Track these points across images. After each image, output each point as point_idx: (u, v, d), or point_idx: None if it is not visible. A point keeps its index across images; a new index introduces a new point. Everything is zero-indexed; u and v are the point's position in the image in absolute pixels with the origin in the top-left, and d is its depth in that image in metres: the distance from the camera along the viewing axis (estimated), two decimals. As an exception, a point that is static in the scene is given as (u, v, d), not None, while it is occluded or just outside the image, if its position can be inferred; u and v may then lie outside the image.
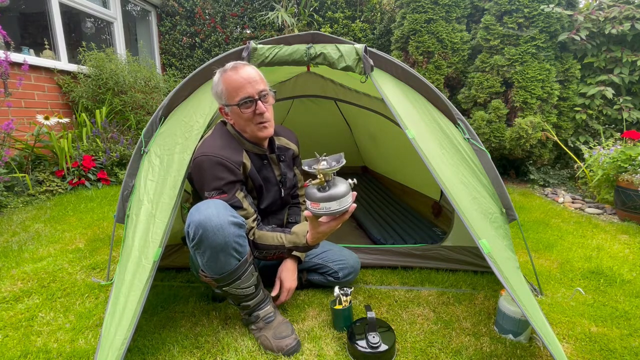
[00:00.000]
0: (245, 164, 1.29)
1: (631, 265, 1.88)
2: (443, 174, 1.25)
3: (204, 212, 1.09)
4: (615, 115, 3.61)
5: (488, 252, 1.12)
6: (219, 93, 1.26)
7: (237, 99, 1.23)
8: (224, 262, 1.13)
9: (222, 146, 1.27)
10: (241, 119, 1.27)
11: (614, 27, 3.41)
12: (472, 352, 1.21)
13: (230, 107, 1.26)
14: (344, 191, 1.06)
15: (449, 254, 1.75)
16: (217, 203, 1.14)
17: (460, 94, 3.86)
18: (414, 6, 3.77)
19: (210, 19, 5.37)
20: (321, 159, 1.08)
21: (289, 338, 1.21)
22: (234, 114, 1.28)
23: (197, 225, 1.08)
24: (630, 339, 1.29)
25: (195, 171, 1.25)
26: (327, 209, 1.06)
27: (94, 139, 3.48)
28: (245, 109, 1.24)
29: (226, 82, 1.23)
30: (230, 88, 1.23)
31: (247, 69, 1.24)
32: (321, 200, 1.05)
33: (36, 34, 4.05)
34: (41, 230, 2.25)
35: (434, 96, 1.47)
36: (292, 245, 1.25)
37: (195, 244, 1.11)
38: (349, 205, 1.09)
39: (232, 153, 1.26)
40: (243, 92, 1.22)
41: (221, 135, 1.32)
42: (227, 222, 1.10)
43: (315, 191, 1.07)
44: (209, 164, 1.21)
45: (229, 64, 1.26)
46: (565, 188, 3.56)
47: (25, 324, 1.34)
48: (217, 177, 1.22)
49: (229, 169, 1.23)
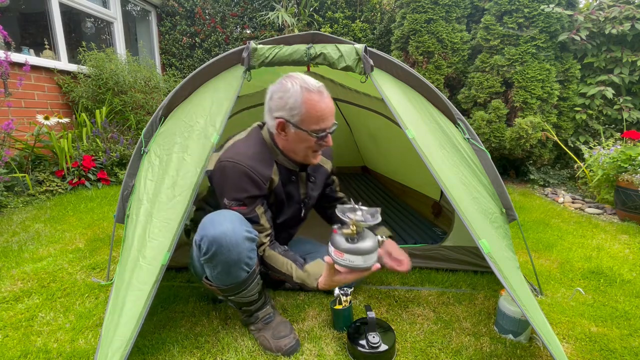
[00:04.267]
0: (273, 179, 1.23)
1: (631, 265, 1.87)
2: (443, 174, 1.25)
3: (219, 227, 1.05)
4: (615, 115, 3.61)
5: (488, 252, 1.12)
6: (293, 110, 1.14)
7: (314, 128, 1.16)
8: (234, 275, 1.11)
9: (254, 155, 1.20)
10: (303, 144, 1.19)
11: (614, 27, 3.41)
12: (472, 352, 1.21)
13: (299, 129, 1.16)
14: (372, 247, 1.02)
15: (449, 254, 1.75)
16: (232, 217, 1.10)
17: (460, 94, 3.86)
18: (414, 6, 3.77)
19: (210, 19, 5.37)
20: (357, 208, 1.04)
21: (288, 337, 1.20)
22: (298, 136, 1.18)
23: (211, 241, 1.04)
24: (630, 339, 1.29)
25: (218, 175, 1.19)
26: (351, 263, 1.01)
27: (94, 139, 3.48)
28: (319, 140, 1.18)
29: (309, 105, 1.14)
30: (312, 114, 1.14)
31: (328, 97, 1.18)
32: (347, 251, 1.01)
33: (36, 34, 4.05)
34: (41, 230, 2.24)
35: (434, 96, 1.47)
36: (299, 282, 1.18)
37: (208, 259, 1.07)
38: (373, 263, 1.03)
39: (263, 166, 1.20)
40: (323, 124, 1.16)
41: (255, 143, 1.24)
42: (242, 238, 1.07)
43: (343, 240, 1.02)
44: (235, 172, 1.16)
45: (312, 83, 1.15)
46: (565, 188, 3.56)
47: (25, 324, 1.34)
48: (240, 189, 1.16)
49: (255, 182, 1.17)
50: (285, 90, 1.15)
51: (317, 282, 1.14)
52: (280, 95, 1.17)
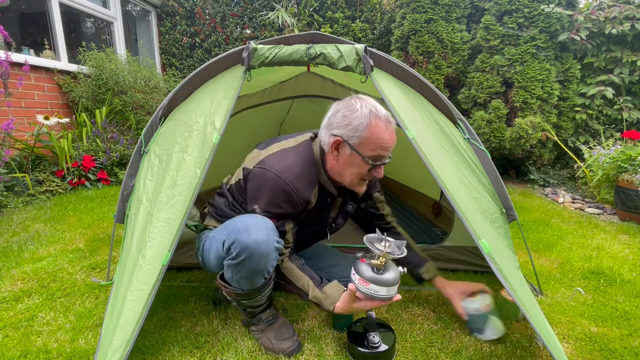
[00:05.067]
0: (311, 202, 1.18)
1: (631, 265, 1.87)
2: (443, 174, 1.24)
3: (254, 236, 1.03)
4: (615, 115, 3.61)
5: (488, 252, 1.12)
6: (355, 130, 1.09)
7: (372, 154, 1.11)
8: (254, 281, 1.11)
9: (301, 174, 1.14)
10: (354, 169, 1.14)
11: (614, 27, 3.41)
12: (472, 352, 1.21)
13: (356, 152, 1.11)
14: (395, 278, 1.03)
15: (449, 254, 1.75)
16: (267, 225, 1.07)
17: (460, 94, 3.86)
18: (414, 6, 3.77)
19: (210, 19, 5.37)
20: (384, 239, 1.05)
21: (291, 340, 1.21)
22: (352, 159, 1.13)
23: (243, 248, 1.03)
24: (630, 339, 1.29)
25: (257, 180, 1.15)
26: (375, 293, 1.03)
27: (94, 139, 3.48)
28: (372, 168, 1.13)
29: (374, 130, 1.09)
30: (374, 139, 1.09)
31: (393, 129, 1.14)
32: (372, 281, 1.02)
33: (36, 34, 4.05)
34: (41, 230, 2.24)
35: (434, 96, 1.47)
36: (315, 301, 1.16)
37: (235, 264, 1.06)
38: (394, 294, 1.05)
39: (306, 186, 1.15)
40: (382, 153, 1.12)
41: (304, 157, 1.18)
42: (272, 249, 1.06)
43: (369, 269, 1.03)
44: (276, 187, 1.11)
45: (381, 110, 1.12)
46: (565, 188, 3.56)
47: (25, 324, 1.33)
48: (277, 205, 1.13)
49: (294, 203, 1.13)
50: (352, 110, 1.11)
51: (333, 305, 1.12)
52: (345, 113, 1.12)
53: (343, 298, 1.11)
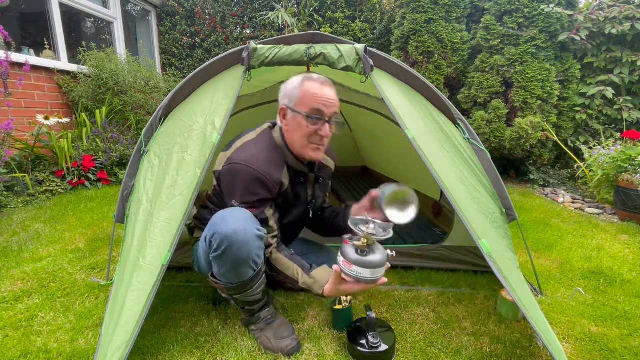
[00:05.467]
0: (283, 182, 1.23)
1: (631, 265, 1.87)
2: (443, 174, 1.24)
3: (232, 225, 1.05)
4: (615, 115, 3.61)
5: (488, 252, 1.12)
6: (292, 95, 1.20)
7: (308, 110, 1.17)
8: (241, 273, 1.12)
9: (266, 159, 1.19)
10: (299, 130, 1.19)
11: (614, 27, 3.41)
12: (472, 352, 1.21)
13: (296, 113, 1.19)
14: (381, 261, 1.03)
15: (449, 254, 1.75)
16: (244, 215, 1.10)
17: (460, 94, 3.86)
18: (414, 6, 3.77)
19: (210, 19, 5.37)
20: (370, 221, 1.05)
21: (290, 339, 1.21)
22: (295, 122, 1.20)
23: (222, 238, 1.05)
24: (630, 339, 1.29)
25: (229, 176, 1.19)
26: (359, 275, 1.02)
27: (94, 139, 3.48)
28: (312, 125, 1.17)
29: (306, 89, 1.17)
30: (307, 95, 1.17)
31: (331, 89, 1.20)
32: (356, 263, 1.01)
33: (36, 34, 4.05)
34: (41, 230, 2.24)
35: (433, 96, 1.47)
36: (305, 287, 1.18)
37: (218, 256, 1.08)
38: (380, 276, 1.05)
39: (274, 169, 1.20)
40: (319, 107, 1.17)
41: (267, 144, 1.24)
42: (253, 237, 1.07)
43: (353, 251, 1.03)
44: (247, 177, 1.15)
45: (316, 75, 1.22)
46: (565, 188, 3.56)
47: (25, 324, 1.33)
48: (251, 192, 1.16)
49: (267, 186, 1.17)
50: (290, 81, 1.23)
51: (322, 289, 1.14)
52: (285, 86, 1.24)
53: (330, 281, 1.12)
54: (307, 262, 1.39)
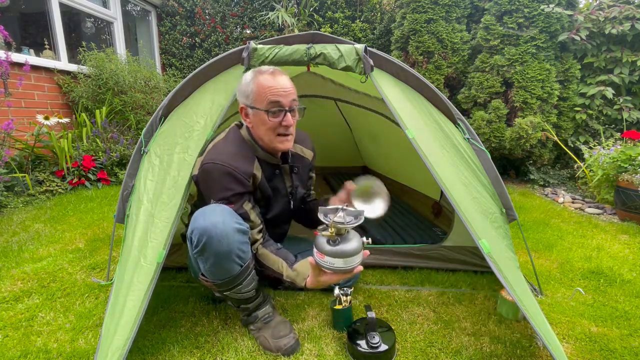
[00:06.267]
0: (255, 175, 1.24)
1: (631, 265, 1.87)
2: (443, 174, 1.25)
3: (209, 219, 1.06)
4: (615, 115, 3.61)
5: (488, 252, 1.12)
6: (247, 92, 1.20)
7: (266, 104, 1.17)
8: (226, 268, 1.12)
9: (234, 154, 1.21)
10: (263, 125, 1.21)
11: (614, 27, 3.41)
12: (472, 352, 1.21)
13: (256, 110, 1.20)
14: (354, 249, 1.00)
15: (449, 254, 1.75)
16: (223, 209, 1.11)
17: (460, 94, 3.86)
18: (414, 6, 3.77)
19: (210, 19, 5.37)
20: (340, 209, 1.03)
21: (287, 337, 1.21)
22: (257, 118, 1.21)
23: (201, 232, 1.05)
24: (630, 339, 1.29)
25: (202, 178, 1.20)
26: (331, 265, 1.01)
27: (94, 139, 3.48)
28: (273, 117, 1.18)
29: (259, 84, 1.18)
30: (262, 91, 1.17)
31: (283, 77, 1.21)
32: (328, 254, 1.00)
33: (36, 34, 4.05)
34: (41, 230, 2.24)
35: (433, 96, 1.47)
36: (289, 280, 1.20)
37: (199, 251, 1.08)
38: (355, 265, 1.03)
39: (243, 163, 1.21)
40: (276, 98, 1.17)
41: (234, 141, 1.26)
42: (232, 230, 1.08)
43: (324, 242, 1.01)
44: (217, 173, 1.17)
45: (265, 67, 1.22)
46: (565, 188, 3.56)
47: (25, 324, 1.34)
48: (225, 188, 1.17)
49: (238, 180, 1.18)
50: (243, 79, 1.23)
51: (304, 281, 1.15)
52: (240, 86, 1.24)
53: (310, 273, 1.13)
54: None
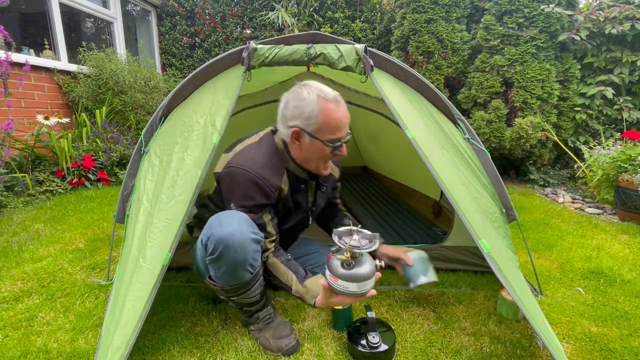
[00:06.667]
0: (282, 189, 1.21)
1: (631, 265, 1.87)
2: (443, 174, 1.24)
3: (227, 228, 1.05)
4: (615, 115, 3.61)
5: (488, 251, 1.12)
6: (309, 117, 1.12)
7: (330, 137, 1.14)
8: (238, 276, 1.11)
9: (265, 163, 1.17)
10: (318, 153, 1.17)
11: (614, 27, 3.41)
12: (472, 352, 1.21)
13: (315, 139, 1.14)
14: (367, 273, 1.00)
15: (449, 254, 1.75)
16: (240, 217, 1.09)
17: (460, 94, 3.86)
18: (414, 6, 3.77)
19: (210, 19, 5.37)
20: (355, 231, 1.03)
21: (289, 338, 1.21)
22: (313, 146, 1.16)
23: (218, 240, 1.04)
24: (630, 339, 1.29)
25: (226, 179, 1.18)
26: (345, 289, 1.00)
27: (94, 139, 3.48)
28: (334, 150, 1.16)
29: (326, 114, 1.11)
30: (328, 123, 1.12)
31: (344, 106, 1.16)
32: (342, 277, 0.99)
33: (36, 34, 4.05)
34: (41, 230, 2.24)
35: (434, 96, 1.47)
36: (297, 295, 1.17)
37: (214, 259, 1.07)
38: (368, 289, 1.02)
39: (273, 174, 1.18)
40: (339, 134, 1.15)
41: (267, 149, 1.22)
42: (248, 240, 1.07)
43: (338, 265, 1.01)
44: (244, 180, 1.14)
45: (328, 91, 1.14)
46: (565, 188, 3.56)
47: (25, 324, 1.34)
48: (248, 197, 1.15)
49: (264, 192, 1.15)
50: (301, 99, 1.13)
51: (314, 300, 1.13)
52: (295, 104, 1.14)
53: (321, 293, 1.11)
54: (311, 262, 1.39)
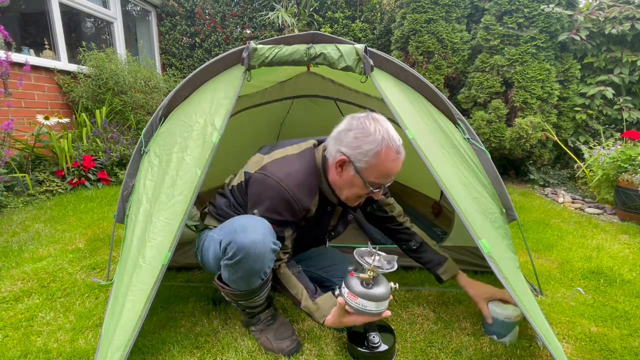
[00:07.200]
0: (311, 209, 1.18)
1: (631, 265, 1.87)
2: (443, 174, 1.24)
3: (250, 236, 1.03)
4: (615, 115, 3.61)
5: (488, 252, 1.12)
6: (364, 153, 1.07)
7: (375, 180, 1.10)
8: (251, 282, 1.11)
9: (302, 181, 1.14)
10: (354, 188, 1.14)
11: (614, 27, 3.41)
12: (472, 352, 1.21)
13: (359, 175, 1.10)
14: (385, 294, 1.02)
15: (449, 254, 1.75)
16: (264, 225, 1.08)
17: (460, 94, 3.86)
18: (414, 6, 3.78)
19: (210, 19, 5.37)
20: (375, 252, 1.04)
21: (290, 339, 1.21)
22: (354, 180, 1.12)
23: (239, 247, 1.03)
24: (630, 339, 1.29)
25: (258, 186, 1.15)
26: (364, 307, 1.02)
27: (94, 139, 3.48)
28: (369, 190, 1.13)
29: (383, 159, 1.07)
30: (381, 169, 1.08)
31: (403, 158, 1.12)
32: (361, 295, 1.01)
33: (36, 34, 4.05)
34: (41, 230, 2.24)
35: (434, 96, 1.47)
36: (306, 311, 1.16)
37: (232, 264, 1.06)
38: (384, 309, 1.04)
39: (307, 195, 1.15)
40: (385, 181, 1.13)
41: (307, 166, 1.18)
42: (269, 250, 1.06)
43: (358, 283, 1.03)
44: (277, 194, 1.11)
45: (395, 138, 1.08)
46: (565, 188, 3.56)
47: (25, 324, 1.33)
48: (276, 211, 1.13)
49: (294, 211, 1.14)
50: (366, 134, 1.07)
51: (324, 318, 1.12)
52: (358, 135, 1.08)
53: (333, 312, 1.11)
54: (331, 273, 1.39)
